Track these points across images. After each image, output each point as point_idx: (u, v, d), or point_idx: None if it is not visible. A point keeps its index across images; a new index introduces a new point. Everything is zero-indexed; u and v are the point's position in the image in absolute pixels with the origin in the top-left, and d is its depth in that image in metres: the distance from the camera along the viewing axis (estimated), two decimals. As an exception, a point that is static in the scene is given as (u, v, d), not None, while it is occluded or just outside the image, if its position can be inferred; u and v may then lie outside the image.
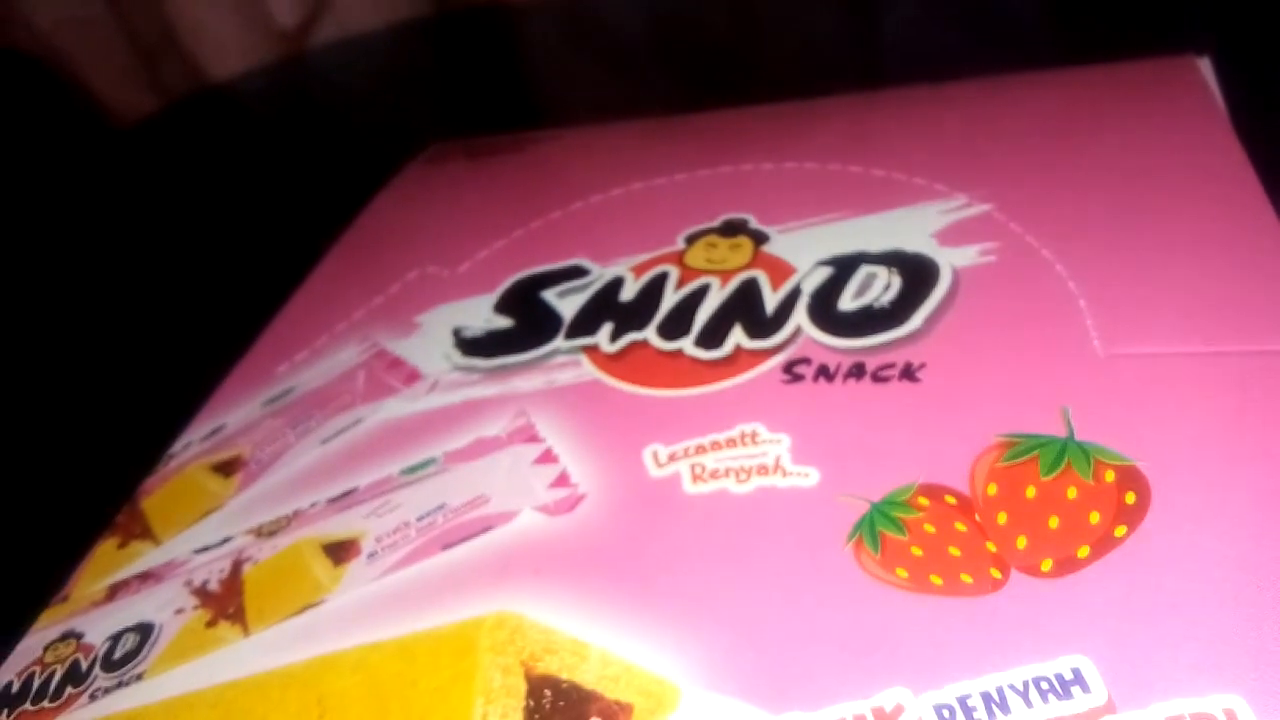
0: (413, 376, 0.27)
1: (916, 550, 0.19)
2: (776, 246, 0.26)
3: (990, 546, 0.19)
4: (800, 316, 0.24)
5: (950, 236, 0.25)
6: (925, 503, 0.20)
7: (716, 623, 0.19)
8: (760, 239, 0.27)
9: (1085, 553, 0.18)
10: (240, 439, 0.27)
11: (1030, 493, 0.19)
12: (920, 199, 0.26)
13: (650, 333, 0.25)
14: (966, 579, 0.18)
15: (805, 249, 0.26)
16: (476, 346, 0.27)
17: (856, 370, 0.23)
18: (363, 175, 0.37)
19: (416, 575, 0.21)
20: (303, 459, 0.25)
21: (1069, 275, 0.23)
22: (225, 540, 0.24)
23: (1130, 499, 0.18)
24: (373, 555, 0.22)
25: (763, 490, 0.21)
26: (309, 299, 0.31)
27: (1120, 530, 0.18)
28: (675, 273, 0.27)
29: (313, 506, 0.24)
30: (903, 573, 0.19)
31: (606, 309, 0.26)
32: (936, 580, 0.18)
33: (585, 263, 0.28)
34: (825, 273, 0.25)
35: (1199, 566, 0.17)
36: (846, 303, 0.24)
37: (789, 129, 0.32)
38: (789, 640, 0.18)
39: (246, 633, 0.21)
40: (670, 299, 0.26)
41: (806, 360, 0.23)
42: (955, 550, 0.19)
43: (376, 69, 0.55)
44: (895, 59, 0.46)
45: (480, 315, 0.28)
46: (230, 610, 0.23)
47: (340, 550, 0.23)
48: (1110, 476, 0.19)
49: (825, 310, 0.24)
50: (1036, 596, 0.18)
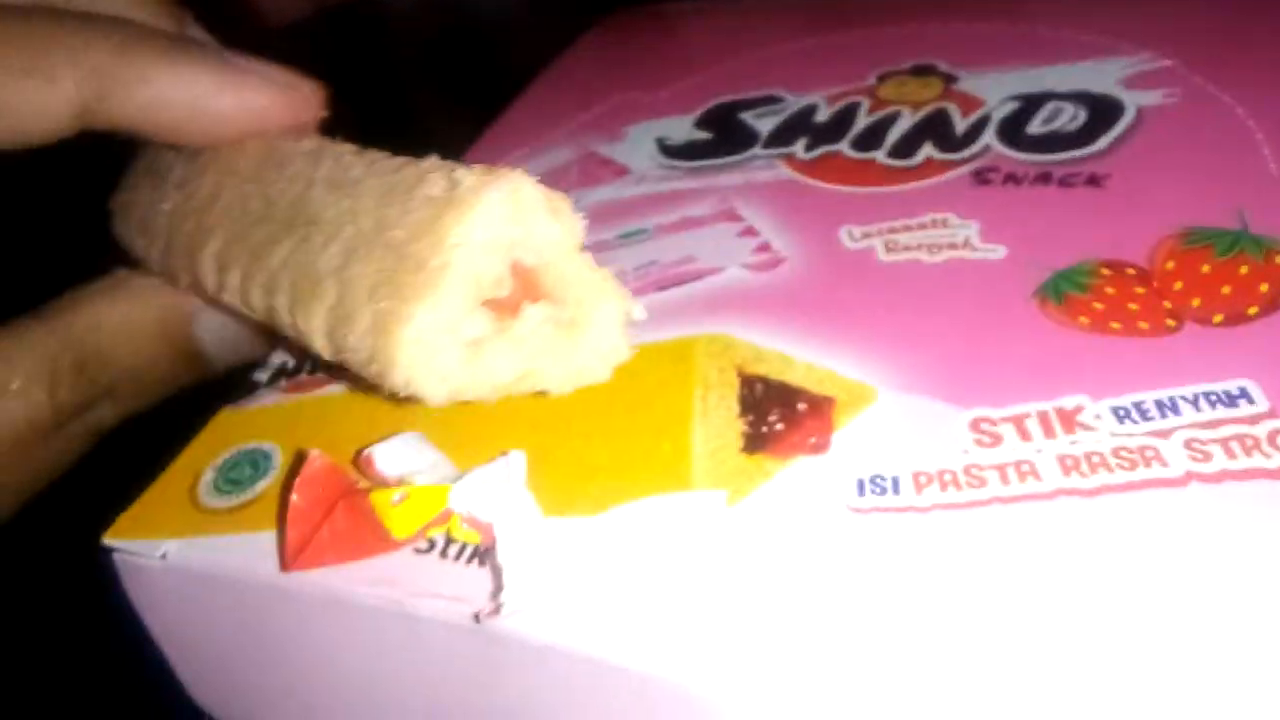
0: (621, 171, 0.30)
1: (1098, 305, 0.21)
2: (965, 85, 0.29)
3: (1166, 304, 0.21)
4: (990, 137, 0.27)
5: (1135, 83, 0.27)
6: (1107, 273, 0.22)
7: (909, 346, 0.22)
8: (950, 79, 0.29)
9: (1254, 311, 0.20)
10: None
11: (1205, 269, 0.21)
12: (1106, 54, 0.29)
13: (844, 145, 0.28)
14: (1144, 325, 0.21)
15: (994, 88, 0.28)
16: (679, 152, 0.30)
17: (1043, 177, 0.25)
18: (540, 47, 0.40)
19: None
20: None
21: (1248, 115, 0.25)
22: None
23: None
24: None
25: (953, 261, 0.24)
26: (512, 121, 0.35)
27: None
28: (867, 102, 0.30)
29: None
30: (1084, 320, 0.21)
31: (802, 127, 0.29)
32: (1115, 325, 0.21)
33: (780, 92, 0.31)
34: (1014, 105, 0.27)
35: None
36: (1035, 128, 0.27)
37: None
38: (975, 359, 0.21)
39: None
40: (863, 121, 0.29)
41: (995, 169, 0.26)
42: (1134, 306, 0.21)
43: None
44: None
45: (682, 130, 0.31)
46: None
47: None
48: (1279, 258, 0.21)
49: (1014, 133, 0.27)
50: (1208, 340, 0.20)
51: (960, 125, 0.27)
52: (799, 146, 0.29)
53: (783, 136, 0.29)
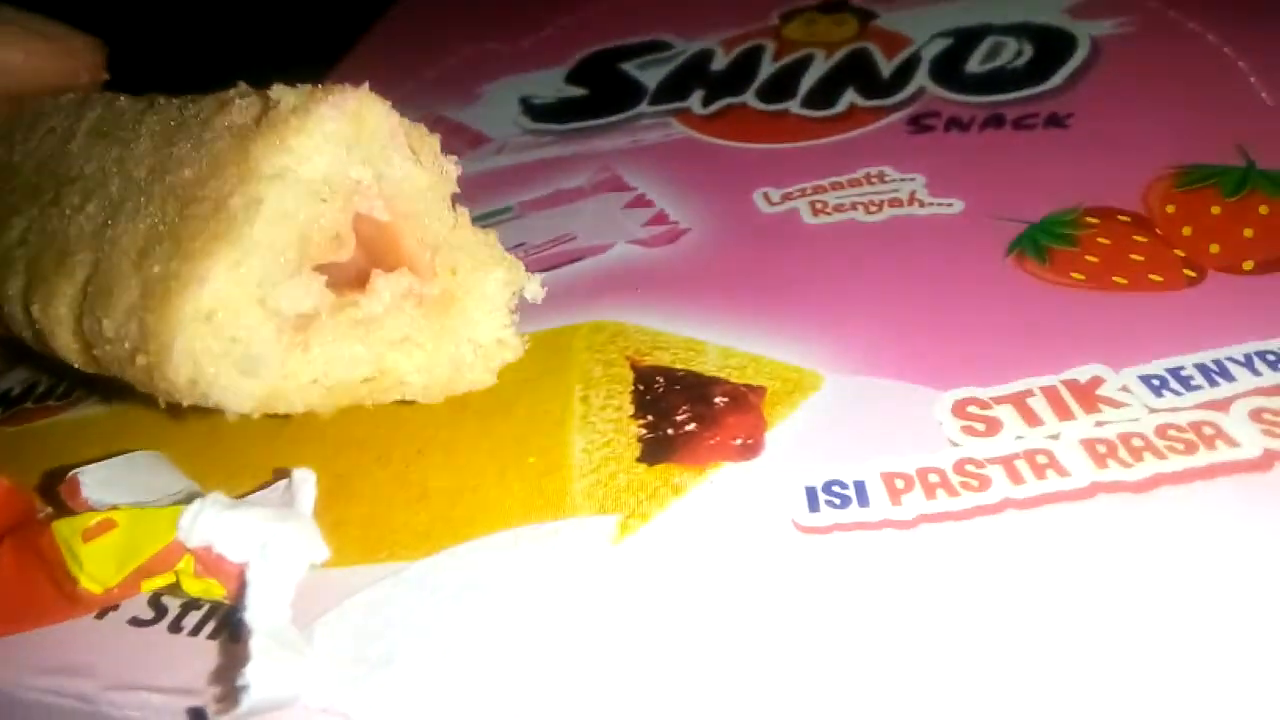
0: (478, 139, 0.24)
1: (1091, 258, 0.17)
2: (885, 22, 0.24)
3: (1178, 253, 0.16)
4: (922, 79, 0.22)
5: (1084, 11, 0.23)
6: (1094, 221, 0.17)
7: (857, 320, 0.16)
8: (867, 15, 0.25)
9: (1291, 254, 0.16)
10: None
11: (1216, 210, 0.17)
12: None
13: (749, 97, 0.23)
14: (1156, 278, 0.16)
15: (919, 24, 0.24)
16: (549, 113, 0.24)
17: (995, 120, 0.20)
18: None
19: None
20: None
21: (1223, 42, 0.21)
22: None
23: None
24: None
25: (898, 219, 0.18)
26: (350, 74, 0.29)
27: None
28: (772, 45, 0.25)
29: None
30: (1079, 276, 0.16)
31: (696, 78, 0.24)
32: (1120, 280, 0.16)
33: (667, 38, 0.26)
34: (945, 43, 0.23)
35: None
36: (974, 66, 0.22)
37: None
38: (948, 330, 0.16)
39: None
40: (768, 69, 0.24)
41: (935, 114, 0.21)
42: (1138, 257, 0.16)
43: None
44: None
45: (551, 86, 0.25)
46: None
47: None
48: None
49: (951, 72, 0.22)
50: (1243, 290, 0.15)
51: (885, 68, 0.23)
52: (694, 100, 0.23)
53: (674, 89, 0.24)
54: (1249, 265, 0.16)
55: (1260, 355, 0.14)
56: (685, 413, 0.15)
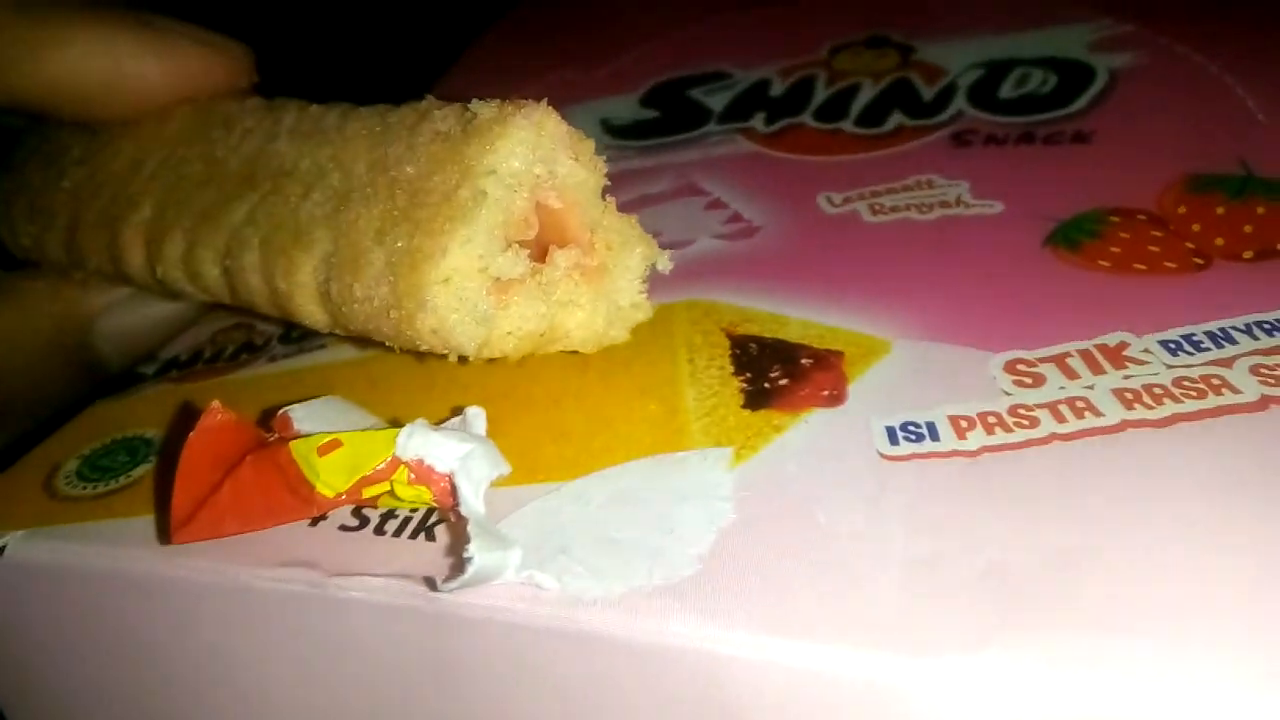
0: (562, 152, 0.27)
1: (1115, 249, 0.19)
2: (924, 55, 0.28)
3: (1189, 245, 0.19)
4: (961, 103, 0.25)
5: (1102, 47, 0.26)
6: (1116, 220, 0.20)
7: (918, 298, 0.19)
8: (907, 50, 0.28)
9: (1284, 246, 0.19)
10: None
11: (1220, 210, 0.20)
12: (1066, 22, 0.28)
13: (806, 117, 0.26)
14: (1170, 265, 0.19)
15: (955, 57, 0.27)
16: (627, 131, 0.27)
17: (1026, 136, 0.23)
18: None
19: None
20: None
21: (1223, 71, 0.24)
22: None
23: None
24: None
25: (947, 218, 0.21)
26: (446, 97, 0.32)
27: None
28: (823, 75, 0.28)
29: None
30: (1105, 263, 0.19)
31: (757, 102, 0.27)
32: (1140, 266, 0.19)
33: (728, 69, 0.29)
34: (979, 73, 0.26)
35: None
36: (1007, 92, 0.25)
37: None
38: (997, 305, 0.18)
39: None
40: (822, 94, 0.27)
41: (973, 131, 0.24)
42: (1154, 248, 0.19)
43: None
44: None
45: (627, 110, 0.28)
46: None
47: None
48: (1296, 198, 0.20)
49: (986, 97, 0.25)
50: (1243, 274, 0.18)
51: (926, 93, 0.26)
52: (757, 120, 0.27)
53: (738, 111, 0.27)
54: (1248, 254, 0.19)
55: (1258, 324, 0.17)
56: (778, 370, 0.18)
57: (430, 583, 0.14)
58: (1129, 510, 0.14)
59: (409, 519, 0.15)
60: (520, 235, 0.17)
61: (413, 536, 0.15)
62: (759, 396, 0.17)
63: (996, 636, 0.13)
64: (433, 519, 0.15)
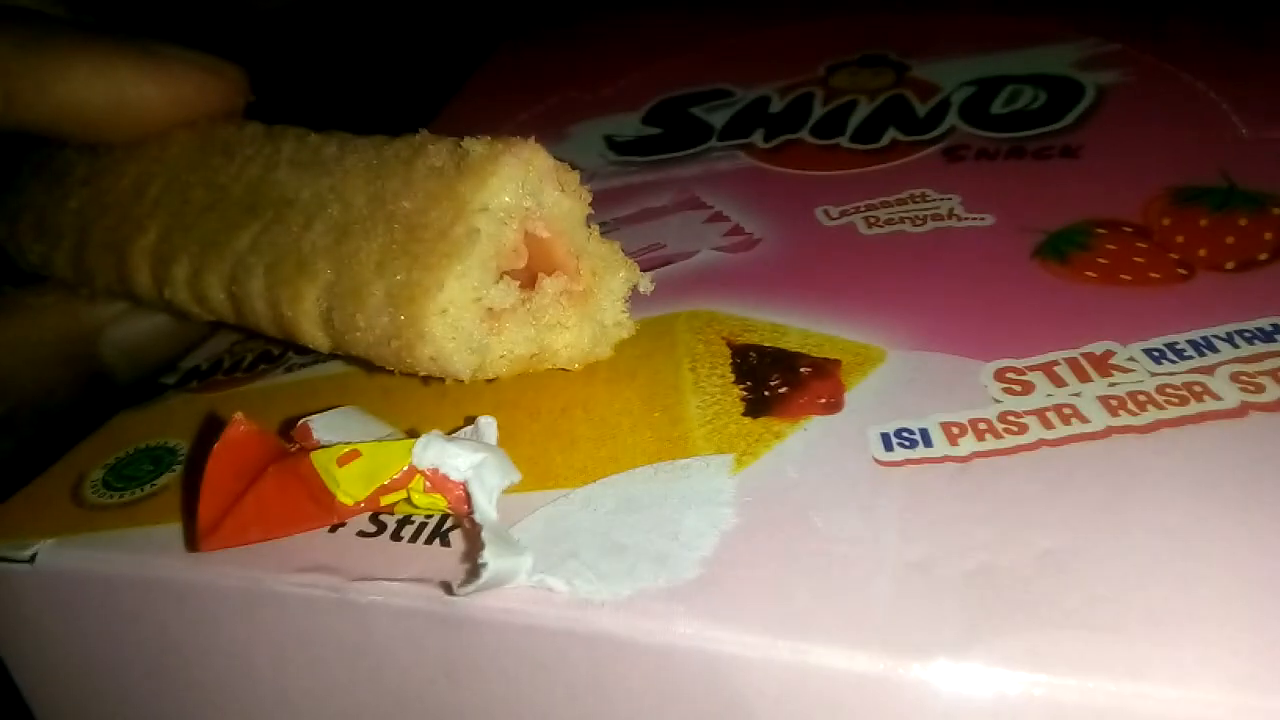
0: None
1: (1102, 260, 0.20)
2: (918, 73, 0.28)
3: (1173, 256, 0.20)
4: (953, 119, 0.26)
5: (1088, 65, 0.27)
6: (1103, 231, 0.21)
7: (911, 309, 0.20)
8: (901, 68, 0.29)
9: (1265, 257, 0.19)
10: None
11: (1204, 222, 0.21)
12: (1053, 41, 0.29)
13: (804, 134, 0.27)
14: (1155, 275, 0.19)
15: (948, 75, 0.28)
16: (630, 148, 0.28)
17: (1017, 151, 0.24)
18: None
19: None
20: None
21: (1208, 88, 0.25)
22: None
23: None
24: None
25: (940, 230, 0.22)
26: (445, 126, 0.32)
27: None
28: (820, 93, 0.29)
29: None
30: (1091, 274, 0.20)
31: (757, 119, 0.28)
32: (1126, 277, 0.20)
33: (729, 87, 0.30)
34: (971, 90, 0.27)
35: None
36: (998, 108, 0.26)
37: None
38: (987, 315, 0.19)
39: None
40: (819, 111, 0.28)
41: (965, 146, 0.25)
42: (1139, 259, 0.20)
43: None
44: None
45: (629, 127, 0.29)
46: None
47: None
48: (1277, 210, 0.20)
49: (978, 113, 0.26)
50: (1226, 284, 0.19)
51: (920, 110, 0.27)
52: (757, 137, 0.27)
53: (738, 128, 0.28)
54: (1230, 265, 0.19)
55: (1239, 333, 0.18)
56: (777, 379, 0.18)
57: (446, 587, 0.14)
58: (1114, 514, 0.15)
59: (425, 525, 0.16)
60: (511, 265, 0.18)
61: (428, 542, 0.16)
62: (759, 404, 0.18)
63: (985, 636, 0.13)
64: (448, 525, 0.16)
